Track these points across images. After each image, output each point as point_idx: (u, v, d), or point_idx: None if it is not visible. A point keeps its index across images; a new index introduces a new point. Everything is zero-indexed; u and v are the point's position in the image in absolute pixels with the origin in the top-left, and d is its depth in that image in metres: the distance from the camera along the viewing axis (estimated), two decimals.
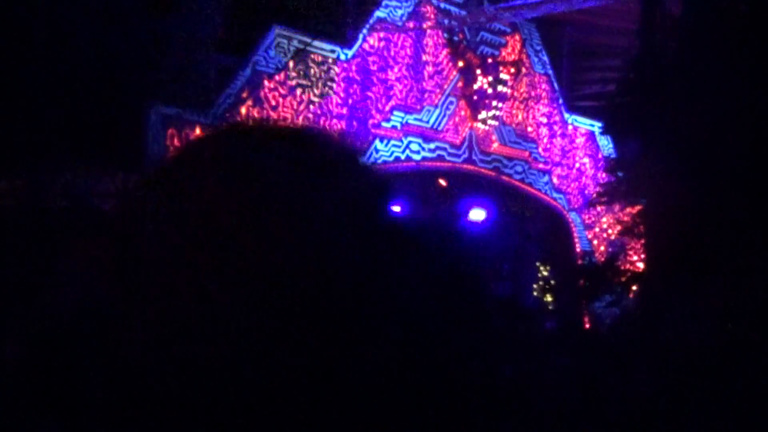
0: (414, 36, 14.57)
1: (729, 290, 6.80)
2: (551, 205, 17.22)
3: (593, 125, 17.48)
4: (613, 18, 14.76)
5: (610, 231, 17.27)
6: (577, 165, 17.61)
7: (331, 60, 13.23)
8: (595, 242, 17.62)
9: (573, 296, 15.12)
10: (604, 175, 15.42)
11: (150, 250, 0.69)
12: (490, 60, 15.54)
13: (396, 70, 14.26)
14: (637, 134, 11.45)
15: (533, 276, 17.43)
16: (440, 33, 15.01)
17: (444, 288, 0.73)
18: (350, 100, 13.50)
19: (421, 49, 14.70)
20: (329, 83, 13.16)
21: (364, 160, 0.80)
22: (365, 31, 13.82)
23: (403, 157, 14.41)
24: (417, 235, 0.77)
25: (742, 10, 8.72)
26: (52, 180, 10.88)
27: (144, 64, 10.87)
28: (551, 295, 16.70)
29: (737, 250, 7.43)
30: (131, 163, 11.63)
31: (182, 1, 11.60)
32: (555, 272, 17.30)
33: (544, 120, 17.02)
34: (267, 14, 12.56)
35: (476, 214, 16.86)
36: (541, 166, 16.94)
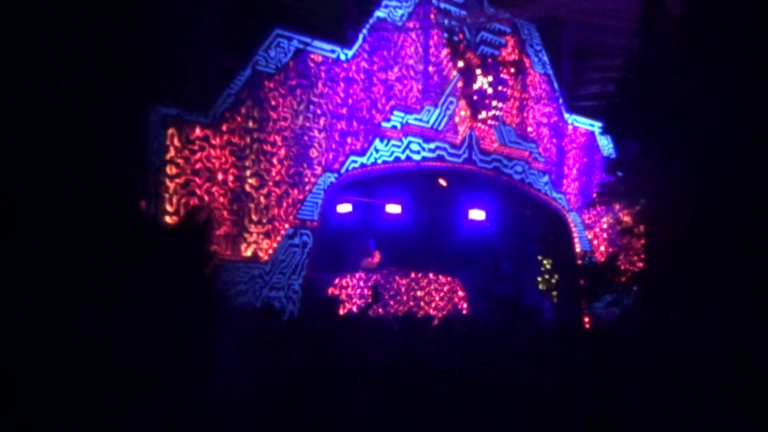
0: (414, 36, 14.58)
1: (729, 290, 6.80)
2: (551, 205, 17.22)
3: (593, 125, 17.49)
4: (613, 18, 14.75)
5: (610, 231, 17.29)
6: (577, 165, 17.61)
7: (331, 60, 13.24)
8: (595, 242, 17.63)
9: (573, 296, 15.13)
10: (604, 175, 15.43)
11: None
12: (490, 60, 15.55)
13: (396, 70, 14.26)
14: (637, 134, 11.45)
15: (533, 276, 17.44)
16: (440, 33, 15.01)
17: None
18: (350, 100, 13.50)
19: (421, 49, 14.71)
20: (329, 83, 13.16)
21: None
22: (365, 31, 13.82)
23: (403, 157, 14.41)
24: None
25: (742, 10, 8.71)
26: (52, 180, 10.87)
27: (144, 64, 10.86)
28: (553, 290, 16.68)
29: (737, 250, 7.43)
30: (131, 163, 11.63)
31: (182, 1, 11.60)
32: (555, 271, 17.32)
33: (544, 120, 17.02)
34: (267, 14, 12.56)
35: (476, 214, 16.88)
36: (541, 166, 16.94)
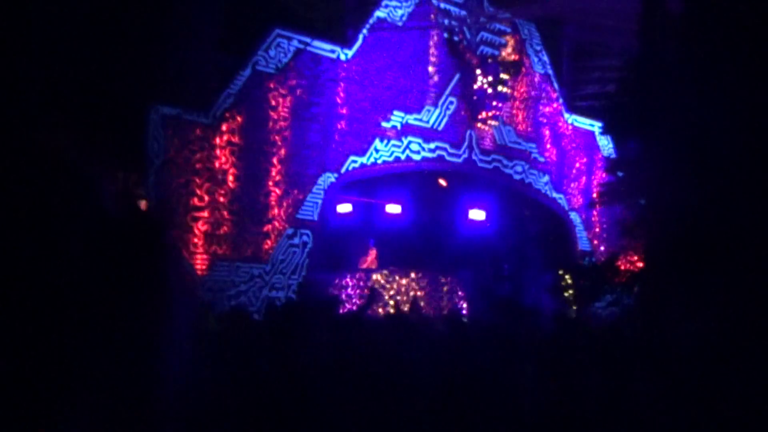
0: (414, 36, 14.57)
1: (729, 289, 6.81)
2: (551, 205, 17.22)
3: (593, 125, 17.49)
4: (613, 18, 14.76)
5: (610, 231, 17.29)
6: (577, 165, 17.61)
7: (331, 60, 13.24)
8: (595, 242, 17.63)
9: (573, 296, 15.11)
10: (604, 175, 15.43)
11: None
12: (490, 60, 15.54)
13: (396, 70, 14.26)
14: (637, 134, 11.45)
15: (533, 276, 17.42)
16: (440, 33, 15.01)
17: None
18: (350, 100, 13.50)
19: (421, 49, 14.71)
20: (329, 83, 13.16)
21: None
22: (365, 31, 13.83)
23: (403, 157, 14.41)
24: None
25: (742, 10, 8.72)
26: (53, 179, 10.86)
27: (144, 64, 10.87)
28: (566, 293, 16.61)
29: (736, 250, 7.43)
30: (131, 163, 11.64)
31: (182, 2, 11.60)
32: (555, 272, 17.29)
33: (544, 120, 17.02)
34: (267, 14, 12.56)
35: (476, 214, 16.87)
36: (541, 166, 16.94)
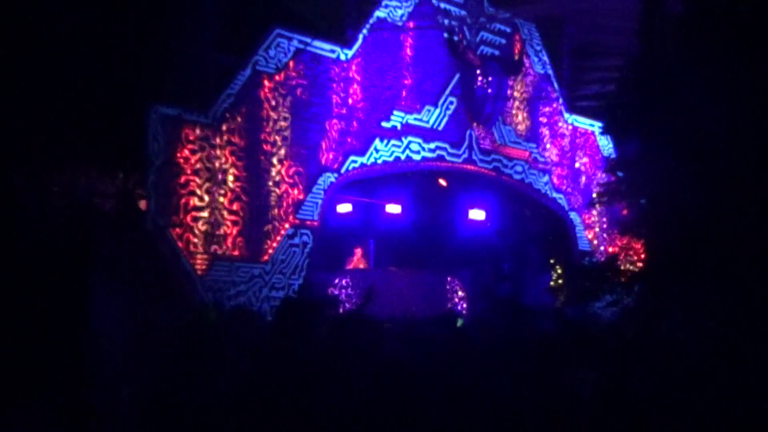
0: (414, 36, 14.57)
1: (729, 289, 6.81)
2: (551, 205, 17.21)
3: (593, 125, 17.49)
4: (613, 18, 14.76)
5: (610, 231, 17.28)
6: (577, 165, 17.60)
7: (331, 60, 13.23)
8: (595, 242, 17.62)
9: (573, 296, 15.10)
10: (604, 175, 15.42)
11: None
12: (490, 60, 15.54)
13: (396, 70, 14.26)
14: (637, 134, 11.45)
15: (534, 276, 17.42)
16: (440, 33, 15.00)
17: None
18: (350, 100, 13.50)
19: (421, 49, 14.70)
20: (329, 83, 13.15)
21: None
22: (365, 31, 13.82)
23: (403, 157, 14.40)
24: None
25: (742, 10, 8.72)
26: (52, 180, 10.88)
27: (144, 64, 10.87)
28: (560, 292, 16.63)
29: (737, 249, 7.43)
30: (131, 163, 11.64)
31: (182, 1, 11.60)
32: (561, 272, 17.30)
33: (544, 120, 17.01)
34: (267, 14, 12.56)
35: (476, 214, 16.87)
36: (541, 166, 16.93)
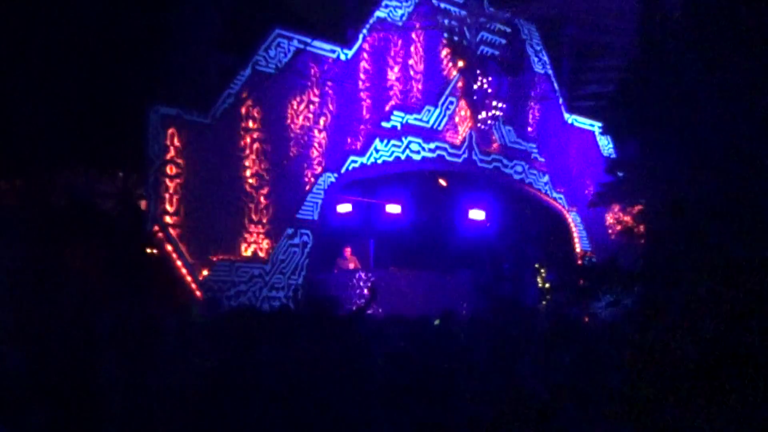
0: (414, 36, 14.57)
1: (729, 289, 6.80)
2: (551, 205, 17.22)
3: (593, 125, 17.49)
4: (613, 18, 14.77)
5: (610, 231, 17.28)
6: (577, 165, 17.61)
7: (331, 60, 13.23)
8: (595, 242, 17.62)
9: (572, 296, 15.09)
10: (604, 175, 15.42)
11: None
12: (490, 60, 15.54)
13: (396, 70, 14.26)
14: (637, 134, 11.45)
15: (533, 276, 17.42)
16: (440, 33, 15.00)
17: None
18: (350, 100, 13.49)
19: (421, 49, 14.70)
20: (329, 83, 13.15)
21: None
22: (365, 31, 13.82)
23: (403, 157, 14.40)
24: None
25: (742, 10, 8.72)
26: (52, 180, 10.89)
27: (144, 64, 10.87)
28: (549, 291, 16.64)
29: (736, 249, 7.43)
30: (131, 163, 11.65)
31: (182, 2, 11.60)
32: (554, 272, 17.28)
33: (544, 120, 17.01)
34: (267, 14, 12.56)
35: (476, 214, 16.87)
36: (541, 166, 16.93)
